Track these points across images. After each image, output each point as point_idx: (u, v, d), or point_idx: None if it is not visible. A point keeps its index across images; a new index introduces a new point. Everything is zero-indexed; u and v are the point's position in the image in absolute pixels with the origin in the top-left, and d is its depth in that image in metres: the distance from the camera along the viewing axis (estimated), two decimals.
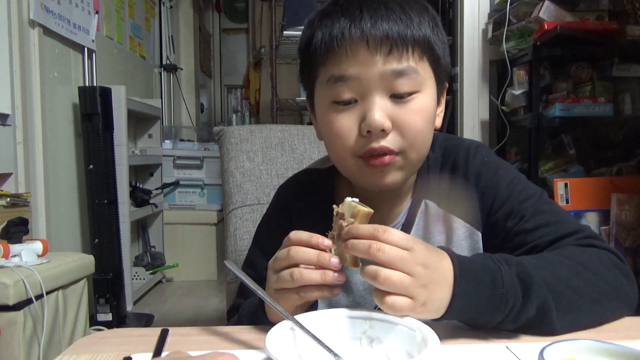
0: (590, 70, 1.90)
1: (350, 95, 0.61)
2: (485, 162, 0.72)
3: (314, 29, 0.64)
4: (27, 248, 1.60)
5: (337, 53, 0.61)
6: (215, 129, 1.27)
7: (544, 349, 0.46)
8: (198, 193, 3.44)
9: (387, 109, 0.61)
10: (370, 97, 0.60)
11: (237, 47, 5.42)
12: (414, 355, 0.51)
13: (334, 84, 0.61)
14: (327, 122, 0.64)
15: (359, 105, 0.62)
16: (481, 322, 0.56)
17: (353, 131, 0.62)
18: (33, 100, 2.06)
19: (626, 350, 0.47)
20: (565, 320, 0.57)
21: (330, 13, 0.63)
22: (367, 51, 0.59)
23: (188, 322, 2.57)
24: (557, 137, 2.02)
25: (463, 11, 2.31)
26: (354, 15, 0.60)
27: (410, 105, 0.61)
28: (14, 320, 1.42)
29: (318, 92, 0.66)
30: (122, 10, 3.08)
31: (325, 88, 0.63)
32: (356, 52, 0.59)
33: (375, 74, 0.60)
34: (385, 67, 0.59)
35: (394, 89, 0.60)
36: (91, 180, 2.29)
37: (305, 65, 0.68)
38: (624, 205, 1.54)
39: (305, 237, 0.56)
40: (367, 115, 0.60)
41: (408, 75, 0.60)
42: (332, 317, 0.58)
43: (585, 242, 0.65)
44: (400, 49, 0.60)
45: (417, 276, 0.51)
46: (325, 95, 0.64)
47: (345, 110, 0.62)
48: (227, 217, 1.18)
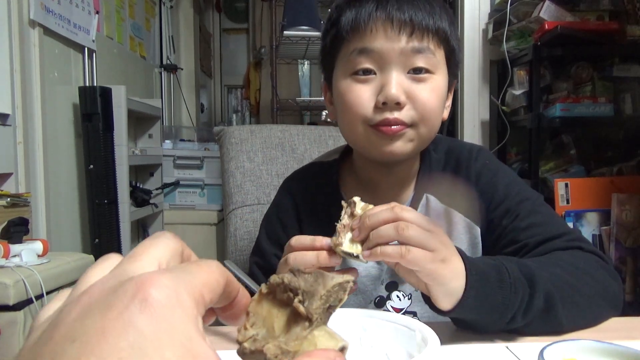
0: (591, 70, 1.90)
1: (371, 66, 0.64)
2: (486, 165, 0.74)
3: (341, 11, 0.67)
4: (27, 248, 1.60)
5: (363, 30, 0.64)
6: (216, 129, 1.27)
7: (544, 349, 0.46)
8: (198, 193, 3.44)
9: (404, 84, 0.64)
10: (389, 71, 0.63)
11: (238, 47, 5.42)
12: (414, 355, 0.51)
13: (357, 56, 0.65)
14: (345, 92, 0.66)
15: (377, 77, 0.65)
16: (494, 318, 0.55)
17: (369, 101, 0.65)
18: (33, 100, 2.06)
19: (626, 350, 0.47)
20: (568, 316, 0.58)
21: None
22: (391, 29, 0.63)
23: None
24: (558, 137, 2.02)
25: (463, 11, 2.31)
26: (381, 1, 0.64)
27: (425, 83, 0.65)
28: (14, 320, 1.42)
29: (339, 67, 0.69)
30: (122, 10, 3.08)
31: (347, 60, 0.66)
32: (382, 28, 0.63)
33: (396, 49, 0.63)
34: (407, 45, 0.63)
35: (412, 64, 0.64)
36: (91, 180, 2.29)
37: (328, 46, 0.71)
38: (625, 205, 1.54)
39: (308, 242, 0.55)
40: (384, 87, 0.63)
41: (426, 54, 0.64)
42: (332, 317, 0.58)
43: (572, 244, 0.67)
44: (422, 31, 0.64)
45: (438, 251, 0.51)
46: (346, 66, 0.66)
47: (364, 81, 0.65)
48: (227, 217, 1.18)
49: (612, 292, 0.64)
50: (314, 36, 2.55)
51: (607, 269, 0.65)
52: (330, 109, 0.76)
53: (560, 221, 0.74)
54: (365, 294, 0.71)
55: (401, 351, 0.54)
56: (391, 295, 0.71)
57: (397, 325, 0.55)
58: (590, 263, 0.64)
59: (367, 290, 0.71)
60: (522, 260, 0.60)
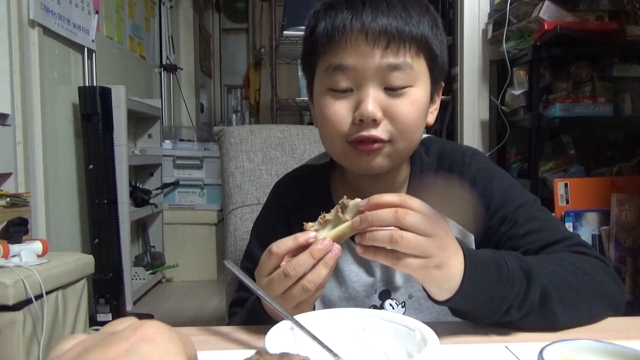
0: (590, 70, 1.90)
1: (347, 85, 0.64)
2: (481, 169, 0.73)
3: (318, 19, 0.66)
4: (27, 248, 1.60)
5: (337, 43, 0.63)
6: (215, 129, 1.27)
7: (543, 348, 0.46)
8: (198, 193, 3.44)
9: (380, 100, 0.63)
10: (365, 88, 0.63)
11: (237, 47, 5.42)
12: (413, 355, 0.51)
13: (332, 73, 0.64)
14: (322, 108, 0.66)
15: (354, 94, 0.64)
16: (490, 310, 0.56)
17: (346, 118, 0.64)
18: (33, 100, 2.06)
19: (626, 350, 0.47)
20: (564, 313, 0.58)
21: (335, 4, 0.65)
22: (366, 44, 0.61)
23: (188, 322, 2.57)
24: (557, 137, 2.02)
25: (463, 11, 2.31)
26: (356, 9, 0.62)
27: (402, 98, 0.63)
28: (14, 320, 1.42)
29: (317, 79, 0.68)
30: (122, 10, 3.08)
31: (324, 76, 0.66)
32: (355, 44, 0.62)
33: (371, 66, 0.62)
34: (382, 61, 0.62)
35: (388, 82, 0.63)
36: (91, 180, 2.29)
37: (307, 54, 0.70)
38: (624, 205, 1.54)
39: (290, 243, 0.55)
40: (361, 104, 0.62)
41: (403, 70, 0.62)
42: (332, 317, 0.58)
43: (574, 249, 0.66)
44: (397, 44, 0.62)
45: (432, 257, 0.51)
46: (323, 82, 0.66)
47: (341, 97, 0.65)
48: (227, 217, 1.18)
49: (613, 294, 0.63)
50: None
51: (608, 272, 0.65)
52: (314, 116, 0.76)
53: (560, 226, 0.73)
54: (357, 301, 0.71)
55: (401, 351, 0.54)
56: (384, 305, 0.71)
57: (397, 325, 0.55)
58: (592, 264, 0.64)
59: (359, 297, 0.71)
60: (522, 256, 0.60)
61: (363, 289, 0.71)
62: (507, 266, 0.55)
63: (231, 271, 0.64)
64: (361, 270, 0.72)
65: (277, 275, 0.55)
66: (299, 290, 0.54)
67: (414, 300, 0.71)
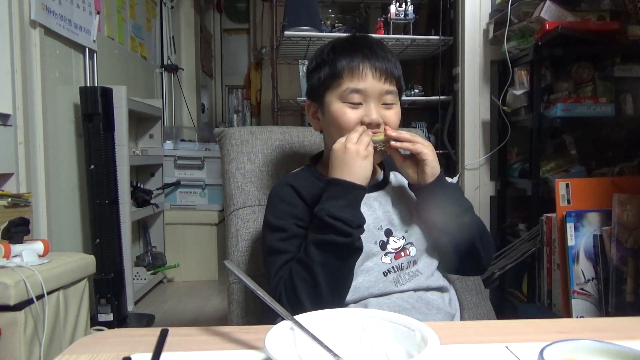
0: (592, 70, 1.90)
1: (359, 100, 0.93)
2: None
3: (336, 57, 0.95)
4: (28, 248, 1.60)
5: (356, 74, 0.93)
6: (216, 131, 1.27)
7: (543, 349, 0.46)
8: (199, 193, 3.44)
9: (380, 111, 0.94)
10: (371, 103, 0.93)
11: (238, 48, 5.42)
12: (413, 355, 0.51)
13: (351, 93, 0.93)
14: (339, 113, 0.94)
15: (362, 107, 0.94)
16: (453, 206, 0.93)
17: (356, 122, 0.93)
18: (34, 101, 2.06)
19: (626, 350, 0.47)
20: None
21: (347, 48, 0.95)
22: (373, 77, 0.93)
23: (189, 322, 2.57)
24: (559, 138, 2.02)
25: (464, 11, 2.31)
26: (366, 54, 0.94)
27: (392, 111, 0.95)
28: (15, 321, 1.42)
29: (332, 95, 0.95)
30: (123, 11, 3.09)
31: (343, 94, 0.94)
32: (367, 75, 0.93)
33: (376, 89, 0.93)
34: (382, 87, 0.94)
35: (385, 100, 0.94)
36: (92, 181, 2.29)
37: (322, 78, 0.96)
38: (626, 205, 1.53)
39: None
40: (369, 113, 0.93)
41: (392, 94, 0.95)
42: (332, 317, 0.58)
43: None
44: (390, 78, 0.95)
45: (430, 148, 0.92)
46: (341, 96, 0.94)
47: (354, 108, 0.93)
48: (228, 218, 1.18)
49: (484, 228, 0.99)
50: (314, 36, 2.55)
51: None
52: (314, 122, 1.02)
53: None
54: (372, 234, 0.93)
55: (401, 351, 0.54)
56: (389, 240, 0.94)
57: (397, 325, 0.55)
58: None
59: (372, 231, 0.93)
60: None
61: (375, 227, 0.94)
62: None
63: (231, 271, 0.64)
64: (369, 210, 0.95)
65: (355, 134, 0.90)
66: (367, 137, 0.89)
67: (410, 234, 0.96)
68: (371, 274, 0.90)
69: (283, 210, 0.93)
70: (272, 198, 0.97)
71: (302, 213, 0.91)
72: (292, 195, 0.94)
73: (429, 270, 0.95)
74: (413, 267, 0.94)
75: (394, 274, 0.91)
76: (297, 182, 0.96)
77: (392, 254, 0.92)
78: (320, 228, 0.83)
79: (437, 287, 0.94)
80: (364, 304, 0.89)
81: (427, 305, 0.90)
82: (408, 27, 2.64)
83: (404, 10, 2.58)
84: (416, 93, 2.71)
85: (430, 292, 0.93)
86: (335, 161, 0.87)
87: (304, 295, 0.81)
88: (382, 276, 0.90)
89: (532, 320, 0.68)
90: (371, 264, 0.91)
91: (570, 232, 1.60)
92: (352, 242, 0.82)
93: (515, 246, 1.92)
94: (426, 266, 0.95)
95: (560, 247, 1.64)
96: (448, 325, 0.59)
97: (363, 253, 0.88)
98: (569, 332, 0.63)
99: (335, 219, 0.81)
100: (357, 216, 0.84)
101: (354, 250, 0.84)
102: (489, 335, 0.58)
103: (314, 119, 1.02)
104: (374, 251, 0.92)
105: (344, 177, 0.85)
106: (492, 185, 2.33)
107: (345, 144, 0.87)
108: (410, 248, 0.94)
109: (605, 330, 0.61)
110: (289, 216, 0.91)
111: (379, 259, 0.92)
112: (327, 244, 0.81)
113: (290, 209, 0.92)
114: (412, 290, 0.91)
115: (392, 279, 0.91)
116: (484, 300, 1.25)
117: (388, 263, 0.91)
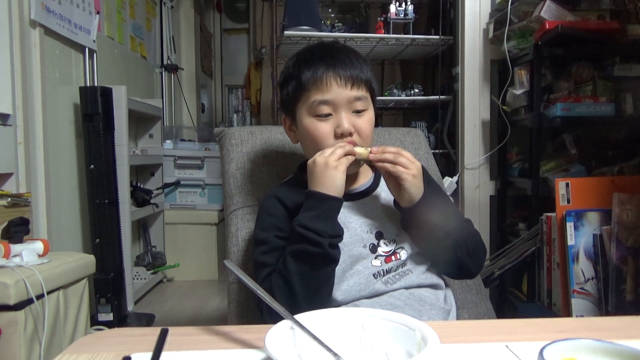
0: (592, 69, 1.90)
1: (328, 111, 0.93)
2: None
3: (299, 70, 0.94)
4: (28, 248, 1.60)
5: (320, 85, 0.92)
6: (216, 130, 1.27)
7: (543, 348, 0.46)
8: (199, 193, 3.44)
9: (351, 119, 0.93)
10: (341, 112, 0.92)
11: (238, 47, 5.42)
12: (413, 354, 0.51)
13: (318, 105, 0.92)
14: (311, 128, 0.94)
15: (333, 117, 0.93)
16: (440, 220, 0.91)
17: (330, 134, 0.93)
18: (34, 101, 2.06)
19: (626, 350, 0.47)
20: None
21: (309, 59, 0.94)
22: (338, 85, 0.92)
23: (189, 322, 2.57)
24: (558, 137, 2.02)
25: (464, 11, 2.31)
26: (329, 63, 0.92)
27: (363, 118, 0.94)
28: (15, 320, 1.42)
29: (302, 109, 0.95)
30: (123, 11, 3.09)
31: (311, 107, 0.93)
32: (332, 85, 0.92)
33: (344, 98, 0.92)
34: (350, 94, 0.92)
35: (355, 107, 0.93)
36: (92, 180, 2.29)
37: (291, 93, 0.96)
38: (626, 205, 1.53)
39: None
40: (340, 124, 0.92)
41: (362, 100, 0.93)
42: (332, 316, 0.58)
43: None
44: (358, 84, 0.93)
45: (412, 170, 0.88)
46: (310, 110, 0.93)
47: (324, 120, 0.93)
48: (228, 218, 1.18)
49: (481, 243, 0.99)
50: (314, 36, 2.55)
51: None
52: (291, 135, 1.03)
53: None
54: (358, 236, 0.94)
55: (401, 350, 0.54)
56: (379, 242, 0.95)
57: (397, 325, 0.55)
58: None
59: (360, 235, 0.94)
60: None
61: (364, 231, 0.95)
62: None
63: (231, 271, 0.64)
64: (358, 217, 0.96)
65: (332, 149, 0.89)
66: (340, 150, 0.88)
67: (402, 237, 0.96)
68: (361, 276, 0.91)
69: (268, 223, 0.94)
70: (259, 211, 0.99)
71: (285, 224, 0.92)
72: (277, 207, 0.95)
73: (420, 269, 0.95)
74: (403, 267, 0.94)
75: (384, 277, 0.92)
76: (282, 193, 0.97)
77: (383, 257, 0.93)
78: (295, 239, 0.85)
79: (429, 285, 0.95)
80: (356, 306, 0.89)
81: (419, 302, 0.90)
82: (408, 26, 2.64)
83: (404, 10, 2.57)
84: (416, 93, 2.71)
85: (423, 289, 0.93)
86: (310, 175, 0.89)
87: (283, 304, 0.81)
88: (372, 278, 0.91)
89: (532, 319, 0.68)
90: (360, 267, 0.91)
91: (570, 231, 1.60)
92: (325, 251, 0.82)
93: (515, 245, 1.92)
94: (417, 265, 0.95)
95: (560, 247, 1.64)
96: (448, 325, 0.59)
97: (352, 256, 0.91)
98: (568, 331, 0.63)
99: (306, 229, 0.83)
100: (329, 226, 0.84)
101: (328, 260, 0.84)
102: (489, 334, 0.58)
103: (291, 132, 1.02)
104: (363, 254, 0.92)
105: (317, 189, 0.86)
106: (492, 185, 2.33)
107: (314, 158, 0.88)
108: (402, 252, 0.95)
109: (605, 329, 0.61)
110: (272, 228, 0.93)
111: (369, 262, 0.92)
112: (301, 254, 0.83)
113: (274, 221, 0.93)
114: (403, 288, 0.92)
115: (382, 281, 0.91)
116: (484, 299, 1.25)
117: (378, 266, 0.92)
